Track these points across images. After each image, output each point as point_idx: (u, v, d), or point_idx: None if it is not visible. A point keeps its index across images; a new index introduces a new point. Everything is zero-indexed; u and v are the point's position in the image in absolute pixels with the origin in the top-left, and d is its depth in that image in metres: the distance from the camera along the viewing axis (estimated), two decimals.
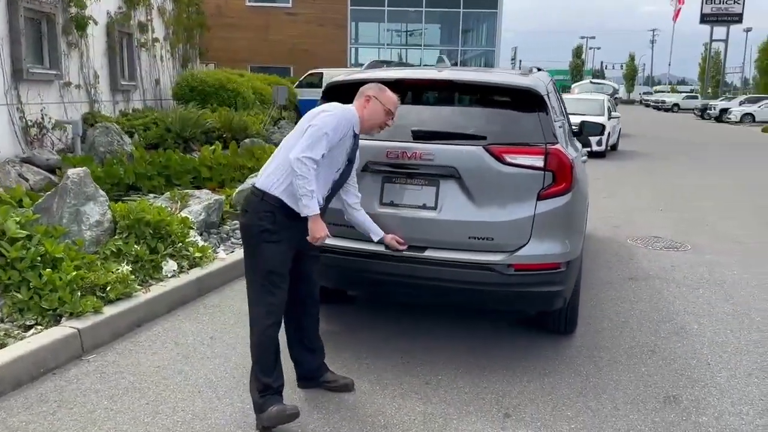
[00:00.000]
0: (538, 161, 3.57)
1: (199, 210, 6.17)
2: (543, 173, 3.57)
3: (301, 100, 20.27)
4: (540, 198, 3.57)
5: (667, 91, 71.31)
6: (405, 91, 4.10)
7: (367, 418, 3.23)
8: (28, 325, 3.82)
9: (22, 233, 4.27)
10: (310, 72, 23.05)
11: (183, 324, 4.38)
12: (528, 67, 4.27)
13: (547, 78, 4.56)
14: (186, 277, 4.89)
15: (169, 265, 4.92)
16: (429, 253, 3.64)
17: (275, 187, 3.06)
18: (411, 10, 38.26)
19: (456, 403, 3.39)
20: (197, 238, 5.57)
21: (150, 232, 5.03)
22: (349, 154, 3.25)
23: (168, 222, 5.20)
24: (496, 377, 3.70)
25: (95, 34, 12.26)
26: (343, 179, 3.31)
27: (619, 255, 6.57)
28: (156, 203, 5.93)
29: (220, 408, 3.28)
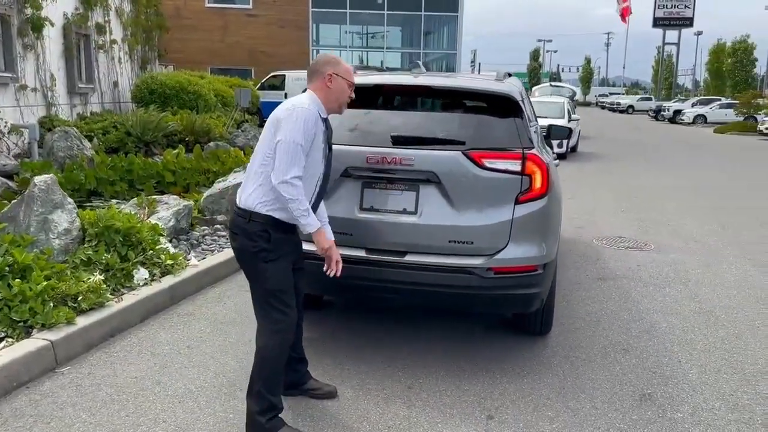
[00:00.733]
0: (515, 166, 3.63)
1: (169, 216, 6.07)
2: (521, 177, 3.63)
3: (264, 102, 20.13)
4: (518, 202, 3.63)
5: (623, 93, 73.13)
6: (384, 97, 4.10)
7: (353, 423, 3.23)
8: None
9: None
10: (272, 74, 22.92)
11: (158, 333, 4.31)
12: (502, 73, 4.33)
13: (520, 83, 4.64)
14: (158, 285, 4.80)
15: (141, 273, 4.83)
16: (409, 258, 3.66)
17: (262, 206, 2.94)
18: (372, 12, 38.32)
19: (439, 407, 3.42)
20: (168, 245, 5.48)
21: (120, 239, 4.92)
22: (327, 142, 3.12)
23: (138, 229, 5.10)
24: (476, 380, 3.74)
25: (52, 35, 11.97)
26: (329, 167, 3.18)
27: (586, 256, 6.71)
28: (124, 209, 5.81)
29: (202, 418, 3.23)
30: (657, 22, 57.44)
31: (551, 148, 6.39)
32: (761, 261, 6.62)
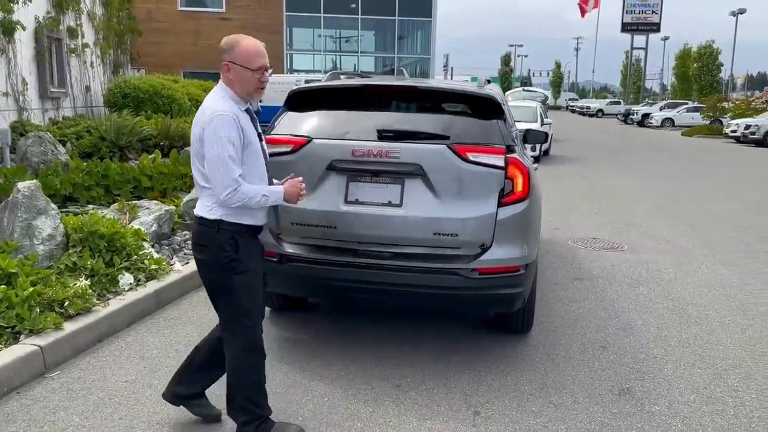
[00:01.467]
0: (498, 160, 3.75)
1: (151, 221, 6.07)
2: (503, 172, 3.74)
3: None
4: (501, 205, 3.75)
5: (592, 97, 74.33)
6: (372, 97, 4.20)
7: (344, 422, 3.30)
8: None
9: None
10: None
11: (145, 337, 4.33)
12: (483, 80, 4.48)
13: (500, 90, 4.79)
14: (144, 290, 4.82)
15: (126, 278, 4.84)
16: (396, 261, 3.75)
17: (227, 214, 2.83)
18: (346, 16, 38.42)
19: (427, 404, 3.51)
20: (151, 250, 5.49)
21: (104, 245, 4.93)
22: (255, 131, 2.93)
23: (122, 234, 5.11)
24: (462, 377, 3.85)
25: (23, 39, 11.84)
26: (265, 152, 3.02)
27: (563, 256, 6.88)
28: (106, 215, 5.80)
29: (195, 419, 3.27)
30: (625, 26, 58.51)
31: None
32: (730, 260, 6.86)
